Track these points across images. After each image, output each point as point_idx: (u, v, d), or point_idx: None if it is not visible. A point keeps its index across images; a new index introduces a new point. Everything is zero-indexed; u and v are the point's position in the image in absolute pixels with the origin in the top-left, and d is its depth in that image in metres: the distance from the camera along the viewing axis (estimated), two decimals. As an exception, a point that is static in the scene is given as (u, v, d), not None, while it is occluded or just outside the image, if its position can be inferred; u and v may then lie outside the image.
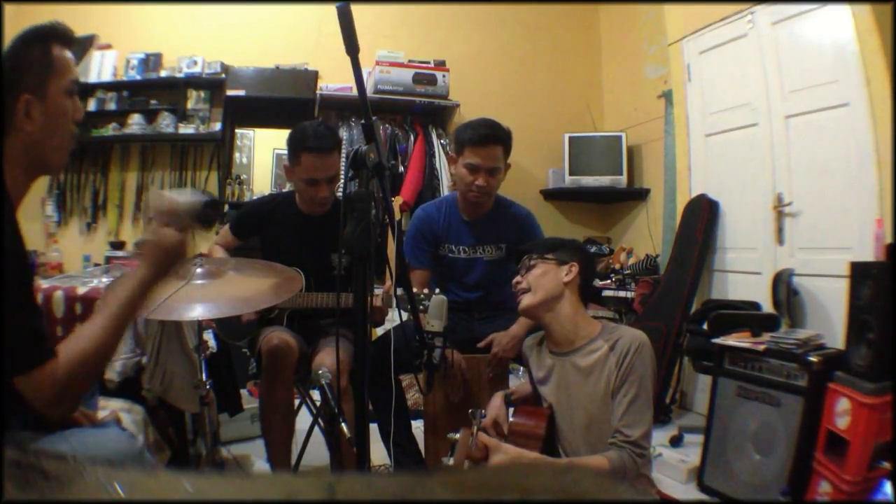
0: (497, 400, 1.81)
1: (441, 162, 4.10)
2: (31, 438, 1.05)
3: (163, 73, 4.02)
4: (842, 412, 1.97)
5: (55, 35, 1.16)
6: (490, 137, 2.19)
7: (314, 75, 4.05)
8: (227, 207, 4.03)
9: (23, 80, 1.09)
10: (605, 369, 1.55)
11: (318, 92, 4.03)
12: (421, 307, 1.72)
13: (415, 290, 1.79)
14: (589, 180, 4.33)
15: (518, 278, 1.73)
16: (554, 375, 1.67)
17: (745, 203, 3.20)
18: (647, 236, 4.16)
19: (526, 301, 1.68)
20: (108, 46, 3.99)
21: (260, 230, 2.37)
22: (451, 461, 1.53)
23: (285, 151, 2.23)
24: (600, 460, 1.45)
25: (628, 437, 1.46)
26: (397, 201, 3.95)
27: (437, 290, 1.85)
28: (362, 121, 1.24)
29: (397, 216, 3.89)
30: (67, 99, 1.14)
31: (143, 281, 1.11)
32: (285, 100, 3.99)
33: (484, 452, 1.41)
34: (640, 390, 1.50)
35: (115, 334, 1.06)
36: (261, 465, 2.61)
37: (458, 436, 1.47)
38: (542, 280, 1.67)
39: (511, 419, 1.69)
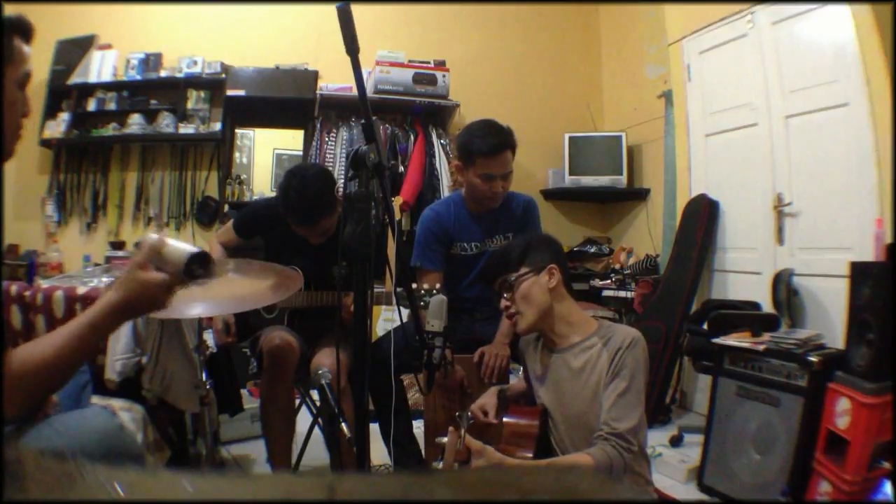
0: (491, 391, 1.82)
1: (441, 162, 4.10)
2: (14, 431, 1.05)
3: (163, 73, 4.02)
4: (842, 412, 1.97)
5: (16, 27, 1.15)
6: (501, 146, 2.18)
7: (314, 75, 4.05)
8: (227, 207, 4.04)
9: None
10: (598, 366, 1.55)
11: (318, 92, 4.02)
12: (422, 303, 1.71)
13: (414, 285, 1.79)
14: (589, 180, 4.33)
15: (505, 302, 1.68)
16: (549, 373, 1.67)
17: (745, 203, 3.20)
18: (647, 236, 4.16)
19: (522, 325, 1.65)
20: (108, 46, 3.99)
21: (264, 233, 2.37)
22: (441, 465, 1.53)
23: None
24: (584, 457, 1.43)
25: (614, 430, 1.45)
26: (397, 201, 3.95)
27: (437, 290, 1.84)
28: (362, 121, 1.24)
29: (397, 216, 3.89)
30: (19, 91, 1.14)
31: (113, 307, 1.06)
32: (285, 100, 3.99)
33: (465, 454, 1.40)
34: (630, 384, 1.48)
35: (76, 352, 1.02)
36: (261, 465, 2.61)
37: (445, 440, 1.46)
38: (529, 298, 1.63)
39: (505, 418, 1.69)
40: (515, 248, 1.73)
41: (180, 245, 1.11)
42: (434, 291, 1.79)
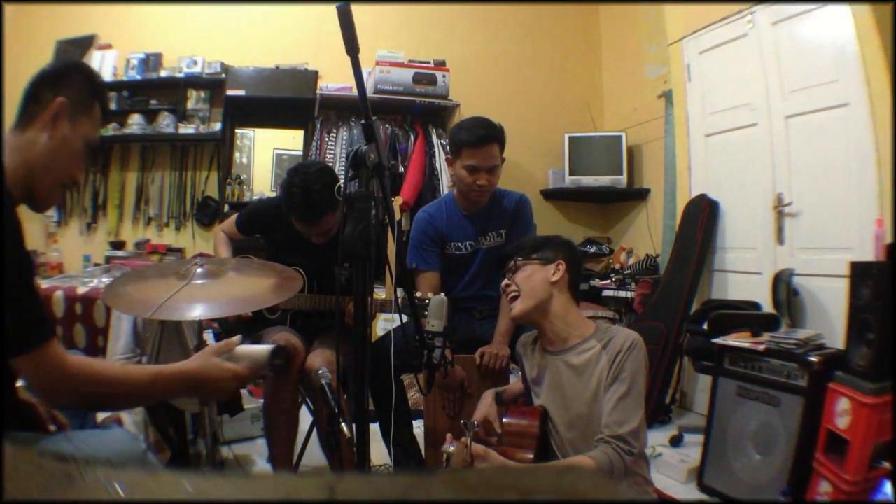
0: (487, 398, 1.81)
1: (441, 162, 4.10)
2: (32, 439, 1.05)
3: (163, 73, 4.02)
4: (842, 412, 1.97)
5: (103, 95, 1.19)
6: (486, 137, 2.20)
7: (314, 75, 4.05)
8: (227, 207, 4.04)
9: (67, 87, 1.09)
10: (597, 368, 1.55)
11: (318, 92, 4.02)
12: (425, 314, 1.71)
13: (418, 294, 1.79)
14: (589, 180, 4.33)
15: (506, 281, 1.72)
16: (547, 374, 1.66)
17: (745, 203, 3.20)
18: (647, 236, 4.16)
19: (517, 309, 1.67)
20: (108, 46, 3.99)
21: (265, 232, 2.38)
22: None
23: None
24: (585, 460, 1.43)
25: (615, 433, 1.45)
26: (397, 201, 3.95)
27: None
28: (362, 121, 1.24)
29: (397, 216, 3.90)
30: (84, 148, 1.14)
31: (183, 373, 1.16)
32: (285, 100, 3.99)
33: (471, 461, 1.40)
34: (630, 387, 1.49)
35: (133, 388, 1.09)
36: (261, 464, 2.61)
37: (452, 449, 1.46)
38: (529, 283, 1.66)
39: (504, 419, 1.68)
40: (534, 239, 1.78)
41: (254, 346, 1.28)
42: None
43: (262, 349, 1.27)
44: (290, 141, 4.31)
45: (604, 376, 1.53)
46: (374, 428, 1.78)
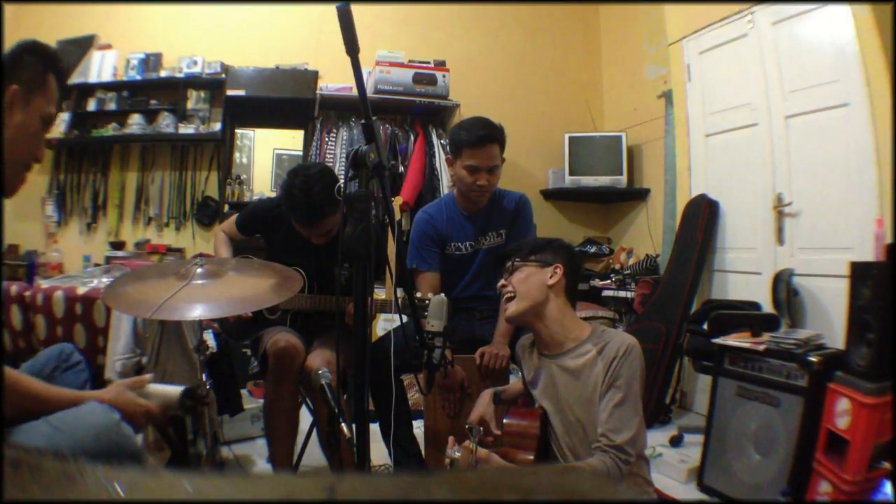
0: (485, 397, 1.81)
1: (441, 162, 4.10)
2: (9, 430, 1.07)
3: (163, 73, 4.02)
4: (842, 412, 1.97)
5: (57, 65, 1.19)
6: (487, 138, 2.20)
7: (314, 75, 4.05)
8: (227, 207, 4.04)
9: (18, 70, 1.10)
10: (593, 373, 1.54)
11: (318, 92, 4.03)
12: (425, 315, 1.71)
13: (418, 294, 1.79)
14: (589, 180, 4.33)
15: (503, 281, 1.72)
16: (542, 377, 1.66)
17: (745, 203, 3.20)
18: (647, 236, 4.17)
19: (511, 310, 1.67)
20: (108, 46, 3.99)
21: (265, 233, 2.38)
22: None
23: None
24: (583, 467, 1.44)
25: (612, 442, 1.45)
26: (397, 201, 3.95)
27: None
28: (362, 121, 1.24)
29: (397, 216, 3.89)
30: (41, 126, 1.15)
31: (97, 400, 1.22)
32: (285, 100, 3.99)
33: (475, 465, 1.40)
34: (626, 394, 1.48)
35: (50, 407, 1.16)
36: (261, 464, 2.61)
37: (457, 455, 1.45)
38: (525, 285, 1.65)
39: (505, 420, 1.68)
40: (533, 240, 1.78)
41: (166, 385, 1.33)
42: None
43: (174, 390, 1.32)
44: (290, 141, 4.31)
45: (599, 382, 1.52)
46: (374, 428, 1.78)
